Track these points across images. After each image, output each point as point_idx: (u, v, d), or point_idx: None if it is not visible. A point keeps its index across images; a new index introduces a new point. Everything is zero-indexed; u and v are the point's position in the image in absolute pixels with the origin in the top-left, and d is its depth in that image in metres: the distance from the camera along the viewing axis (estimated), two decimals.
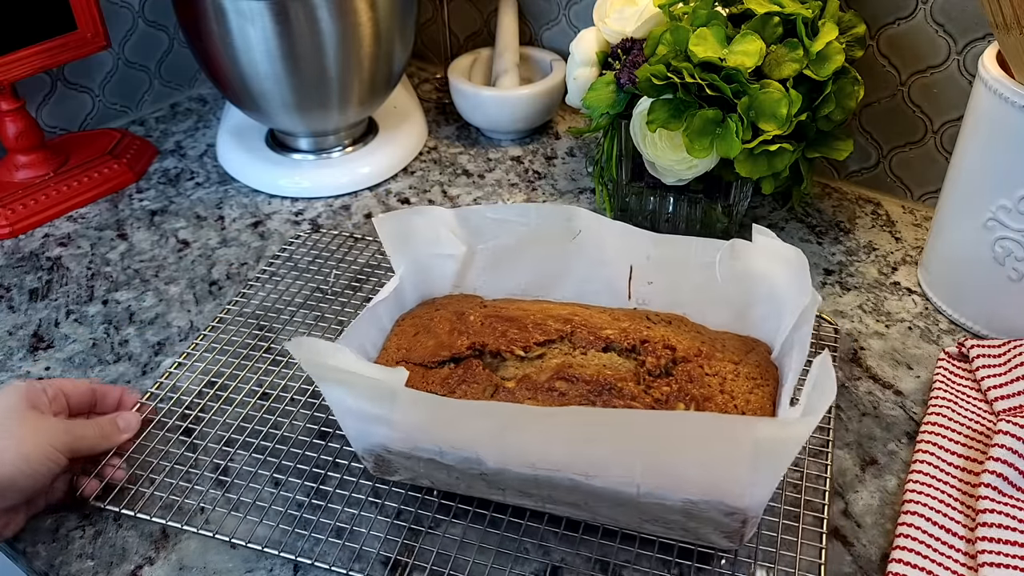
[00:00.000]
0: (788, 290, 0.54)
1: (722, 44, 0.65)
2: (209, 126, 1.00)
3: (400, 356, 0.57)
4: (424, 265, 0.61)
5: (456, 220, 0.62)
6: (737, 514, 0.46)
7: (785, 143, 0.65)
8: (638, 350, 0.54)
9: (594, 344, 0.55)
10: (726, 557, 0.51)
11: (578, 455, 0.45)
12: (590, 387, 0.52)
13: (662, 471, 0.45)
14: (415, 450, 0.49)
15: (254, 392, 0.63)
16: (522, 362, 0.55)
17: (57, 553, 0.53)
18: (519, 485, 0.49)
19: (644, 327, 0.56)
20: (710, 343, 0.56)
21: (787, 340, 0.54)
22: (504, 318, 0.57)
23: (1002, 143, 0.61)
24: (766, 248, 0.56)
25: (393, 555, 0.52)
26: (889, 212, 0.82)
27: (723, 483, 0.44)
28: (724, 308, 0.59)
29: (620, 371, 0.53)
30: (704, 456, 0.43)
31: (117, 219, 0.84)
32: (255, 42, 0.76)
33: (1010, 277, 0.63)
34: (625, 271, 0.61)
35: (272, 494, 0.56)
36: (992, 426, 0.57)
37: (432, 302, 0.62)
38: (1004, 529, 0.50)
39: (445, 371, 0.55)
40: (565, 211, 0.61)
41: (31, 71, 0.81)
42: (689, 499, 0.45)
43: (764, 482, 0.44)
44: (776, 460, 0.43)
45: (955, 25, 0.73)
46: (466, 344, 0.56)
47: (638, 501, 0.47)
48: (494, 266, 0.63)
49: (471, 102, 0.94)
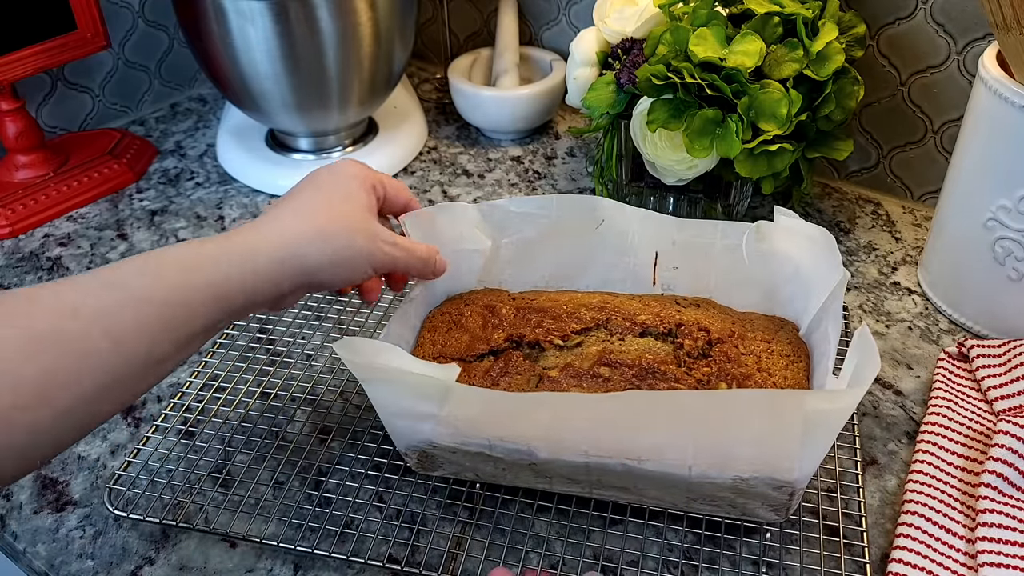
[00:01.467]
0: (814, 269, 0.55)
1: (722, 44, 0.65)
2: (209, 126, 1.00)
3: (436, 352, 0.57)
4: (450, 261, 0.61)
5: (480, 215, 0.62)
6: (786, 487, 0.47)
7: (785, 143, 0.65)
8: (674, 333, 0.55)
9: (631, 330, 0.56)
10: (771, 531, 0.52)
11: (632, 440, 0.46)
12: (634, 371, 0.53)
13: (715, 450, 0.45)
14: (464, 444, 0.49)
15: (253, 392, 0.63)
16: (561, 351, 0.56)
17: (57, 553, 0.53)
18: (568, 472, 0.50)
19: (675, 311, 0.57)
20: (740, 323, 0.57)
21: (816, 317, 0.55)
22: (536, 309, 0.58)
23: (1002, 143, 0.60)
24: (790, 228, 0.57)
25: (389, 551, 0.52)
26: (889, 212, 0.82)
27: (773, 458, 0.45)
28: (750, 290, 0.60)
29: (660, 355, 0.54)
30: (755, 432, 0.44)
31: (117, 219, 0.84)
32: (255, 42, 0.76)
33: (1010, 277, 0.63)
34: (650, 258, 0.62)
35: (273, 494, 0.56)
36: (992, 426, 0.57)
37: (459, 297, 0.63)
38: (1004, 529, 0.50)
39: (485, 364, 0.55)
40: (587, 201, 0.61)
41: (31, 71, 0.81)
42: (740, 476, 0.46)
43: (812, 454, 0.45)
44: (825, 431, 0.44)
45: (955, 25, 0.73)
46: (503, 337, 0.56)
47: (689, 481, 0.48)
48: (519, 259, 0.64)
49: (471, 102, 0.94)
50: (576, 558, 0.51)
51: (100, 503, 0.56)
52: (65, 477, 0.58)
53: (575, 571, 0.51)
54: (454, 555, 0.52)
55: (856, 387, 0.42)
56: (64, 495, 0.57)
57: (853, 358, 0.45)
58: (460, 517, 0.54)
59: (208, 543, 0.53)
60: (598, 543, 0.52)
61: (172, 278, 0.44)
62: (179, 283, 0.44)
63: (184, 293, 0.44)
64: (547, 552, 0.52)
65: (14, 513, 0.56)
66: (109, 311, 0.41)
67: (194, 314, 0.44)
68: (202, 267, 0.45)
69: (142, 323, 0.42)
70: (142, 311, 0.42)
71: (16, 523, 0.55)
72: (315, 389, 0.63)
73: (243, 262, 0.46)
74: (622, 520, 0.53)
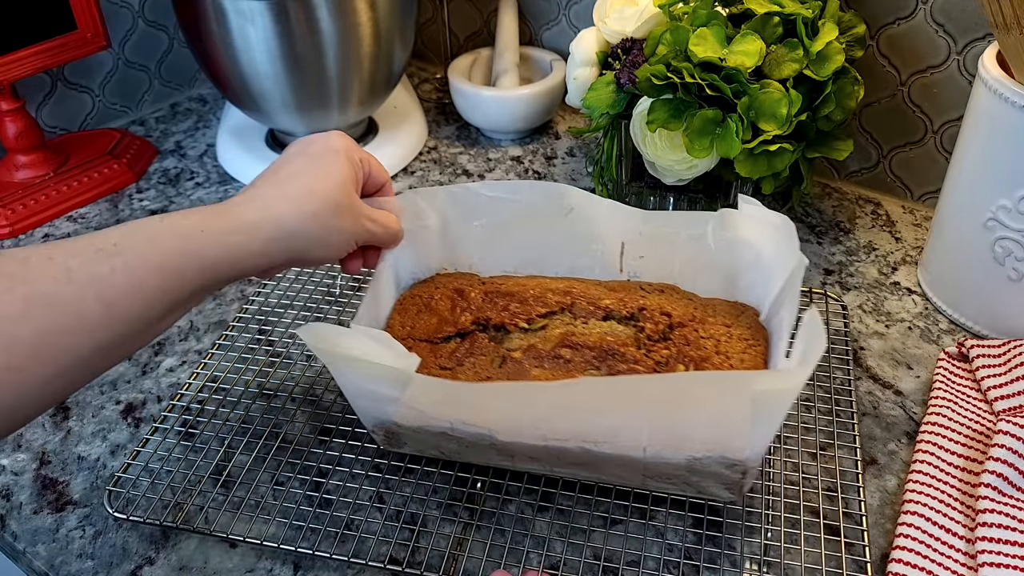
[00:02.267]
0: (775, 255, 0.56)
1: (722, 44, 0.65)
2: (209, 126, 1.00)
3: (405, 333, 0.58)
4: (408, 240, 0.62)
5: (448, 197, 0.63)
6: (738, 466, 0.48)
7: (785, 143, 0.65)
8: (636, 317, 0.57)
9: (594, 314, 0.57)
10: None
11: (588, 424, 0.47)
12: (594, 353, 0.54)
13: (668, 431, 0.47)
14: (426, 426, 0.51)
15: (253, 393, 0.63)
16: (526, 334, 0.57)
17: (57, 553, 0.53)
18: (529, 452, 0.51)
19: (639, 296, 0.59)
20: (702, 308, 0.58)
21: (775, 302, 0.56)
22: (504, 293, 0.59)
23: (1002, 143, 0.61)
24: (753, 216, 0.58)
25: (390, 552, 0.52)
26: (889, 212, 0.82)
27: (725, 437, 0.46)
28: (714, 276, 0.61)
29: (621, 337, 0.55)
30: (707, 413, 0.45)
31: (117, 219, 0.84)
32: (255, 42, 0.76)
33: (1010, 277, 0.63)
34: (617, 247, 0.63)
35: (273, 495, 0.56)
36: (992, 426, 0.57)
37: (431, 280, 0.64)
38: (1004, 529, 0.50)
39: (452, 345, 0.57)
40: (557, 189, 0.62)
41: (31, 71, 0.81)
42: (693, 456, 0.48)
43: (763, 433, 0.46)
44: (774, 411, 0.45)
45: (955, 25, 0.73)
46: (470, 319, 0.58)
47: (645, 462, 0.49)
48: (488, 243, 0.64)
49: (471, 102, 0.94)
50: (577, 558, 0.51)
51: (100, 503, 0.56)
52: (65, 477, 0.58)
53: (576, 571, 0.51)
54: (455, 556, 0.52)
55: (802, 367, 0.43)
56: (64, 495, 0.57)
57: (802, 340, 0.46)
58: (461, 518, 0.54)
59: (208, 543, 0.53)
60: (599, 543, 0.52)
61: (166, 244, 0.45)
62: (172, 249, 0.45)
63: (177, 259, 0.45)
64: (548, 552, 0.52)
65: (14, 513, 0.56)
66: (102, 276, 0.42)
67: (185, 281, 0.45)
68: (194, 237, 0.46)
69: (135, 288, 0.43)
70: (135, 276, 0.43)
71: (16, 523, 0.55)
72: (315, 389, 0.63)
73: (234, 236, 0.47)
74: (623, 520, 0.53)
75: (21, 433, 0.61)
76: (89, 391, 0.64)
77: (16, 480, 0.58)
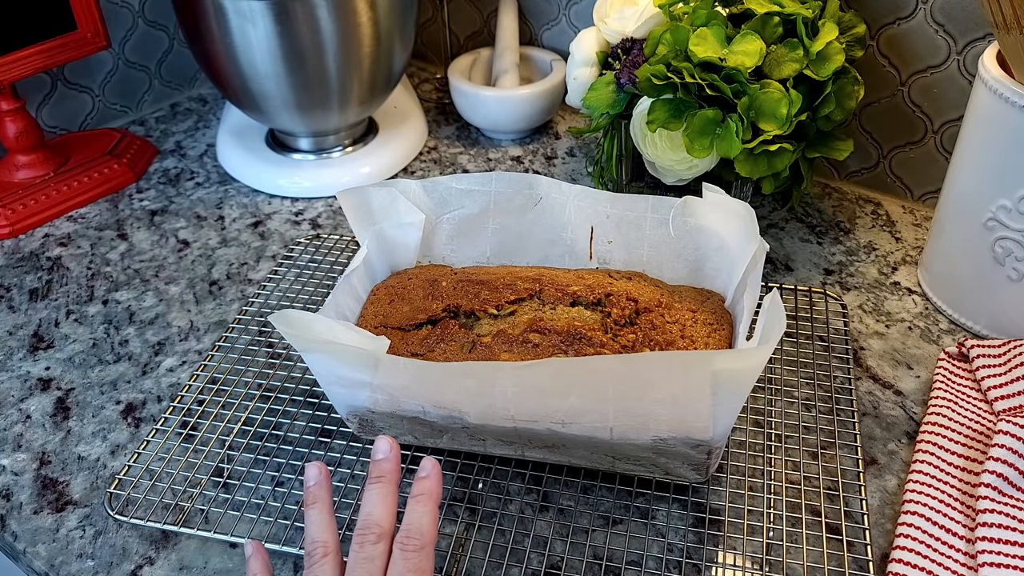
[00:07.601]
0: (738, 242, 0.58)
1: (722, 44, 0.65)
2: (209, 126, 1.00)
3: (378, 322, 0.60)
4: (388, 235, 0.64)
5: (422, 191, 0.64)
6: (703, 446, 0.49)
7: (785, 143, 0.65)
8: (603, 303, 0.58)
9: (562, 300, 0.58)
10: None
11: (554, 404, 0.48)
12: (562, 337, 0.55)
13: (632, 412, 0.47)
14: (399, 410, 0.52)
15: (253, 394, 0.63)
16: (495, 320, 0.58)
17: (57, 553, 0.53)
18: (499, 435, 0.52)
19: (607, 282, 0.60)
20: (669, 294, 0.59)
21: (739, 287, 0.57)
22: (475, 281, 0.60)
23: (1002, 143, 0.61)
24: (716, 203, 0.59)
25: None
26: (889, 212, 0.82)
27: (688, 418, 0.47)
28: (680, 263, 0.62)
29: (588, 322, 0.56)
30: (668, 393, 0.46)
31: (117, 219, 0.84)
32: (255, 42, 0.76)
33: (1010, 277, 0.63)
34: (586, 232, 0.64)
35: (274, 496, 0.56)
36: (992, 426, 0.57)
37: (405, 272, 0.65)
38: (1004, 529, 0.50)
39: (423, 332, 0.58)
40: (525, 179, 0.64)
41: (31, 71, 0.81)
42: (659, 436, 0.48)
43: (725, 413, 0.47)
44: (734, 390, 0.45)
45: (955, 25, 0.73)
46: (441, 307, 0.59)
47: (612, 443, 0.50)
48: (460, 235, 0.66)
49: (471, 102, 0.94)
50: (578, 558, 0.51)
51: (100, 503, 0.56)
52: (65, 477, 0.58)
53: (577, 572, 0.51)
54: (456, 556, 0.52)
55: (761, 347, 0.43)
56: (64, 495, 0.57)
57: (762, 321, 0.46)
58: (462, 518, 0.54)
59: (208, 544, 0.53)
60: (600, 543, 0.52)
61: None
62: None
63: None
64: (549, 552, 0.52)
65: (14, 513, 0.56)
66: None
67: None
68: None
69: None
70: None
71: (16, 523, 0.55)
72: (315, 390, 0.63)
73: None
74: (623, 520, 0.53)
75: (21, 433, 0.61)
76: (89, 391, 0.64)
77: (16, 480, 0.58)
